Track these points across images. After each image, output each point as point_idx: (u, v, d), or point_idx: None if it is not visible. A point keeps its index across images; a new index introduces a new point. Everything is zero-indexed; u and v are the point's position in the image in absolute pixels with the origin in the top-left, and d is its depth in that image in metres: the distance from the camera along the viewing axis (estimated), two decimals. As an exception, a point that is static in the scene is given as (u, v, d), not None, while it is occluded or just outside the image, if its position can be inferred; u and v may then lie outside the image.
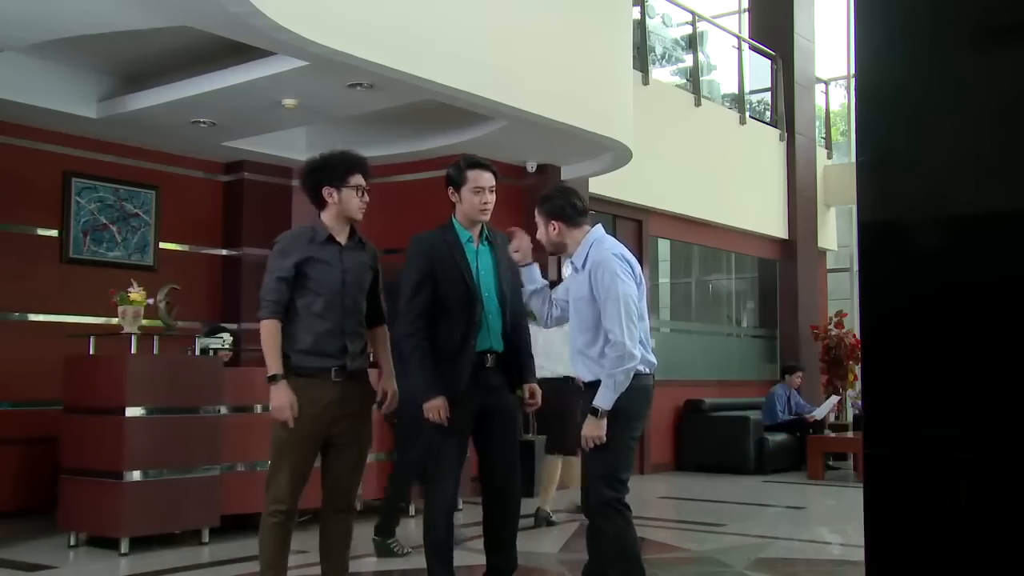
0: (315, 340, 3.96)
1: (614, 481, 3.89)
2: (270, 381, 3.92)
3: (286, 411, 3.88)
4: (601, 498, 3.88)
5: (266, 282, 4.00)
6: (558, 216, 4.07)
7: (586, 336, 3.98)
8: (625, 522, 3.89)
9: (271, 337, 3.95)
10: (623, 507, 3.89)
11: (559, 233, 4.08)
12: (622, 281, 3.88)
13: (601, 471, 3.90)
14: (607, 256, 3.93)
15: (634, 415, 3.95)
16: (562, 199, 4.11)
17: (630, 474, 4.00)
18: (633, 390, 3.89)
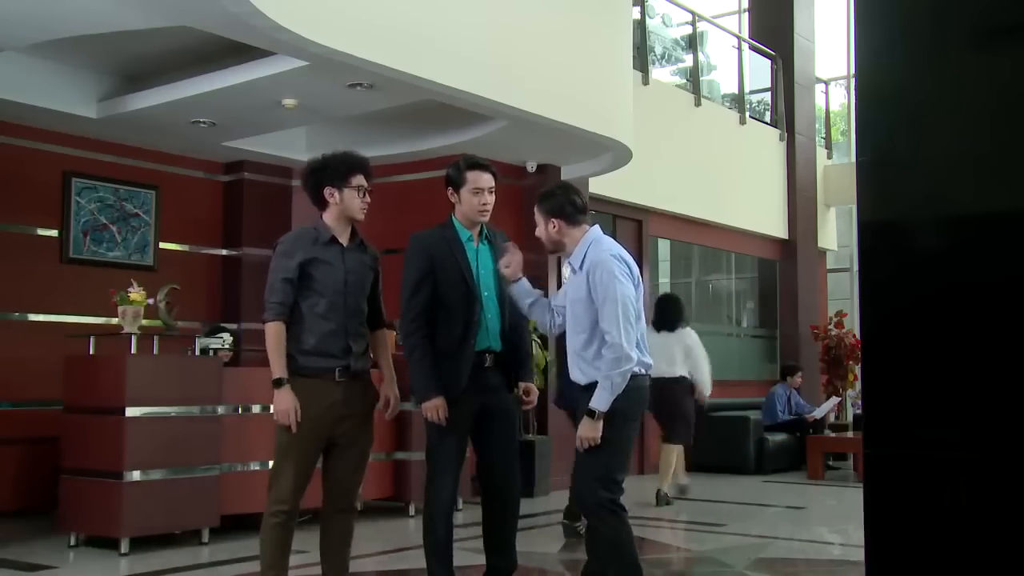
0: (319, 341, 3.96)
1: (609, 482, 3.88)
2: (275, 385, 3.92)
3: (290, 415, 3.88)
4: (596, 499, 3.88)
5: (271, 283, 4.00)
6: (558, 214, 4.05)
7: (582, 337, 3.97)
8: (620, 522, 3.89)
9: (276, 340, 3.95)
10: (618, 508, 3.89)
11: (559, 231, 4.06)
12: (620, 282, 3.87)
13: (596, 472, 3.89)
14: (605, 257, 3.92)
15: (630, 416, 3.95)
16: (563, 197, 4.08)
17: (625, 475, 4.00)
18: (629, 391, 3.88)
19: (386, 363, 4.30)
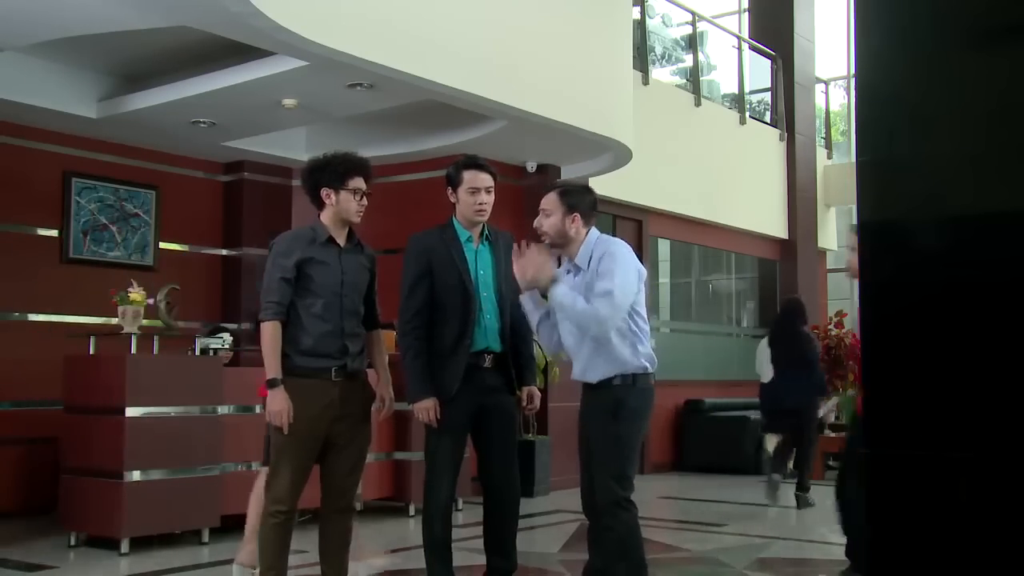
0: (315, 341, 3.96)
1: (624, 480, 3.90)
2: (269, 386, 3.92)
3: (283, 416, 3.88)
4: (612, 497, 3.89)
5: (267, 283, 3.99)
6: (582, 210, 4.01)
7: (575, 336, 3.98)
8: (633, 520, 3.91)
9: (272, 340, 3.94)
10: (631, 505, 3.91)
11: (575, 225, 4.03)
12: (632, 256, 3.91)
13: (612, 471, 3.90)
14: (620, 242, 3.97)
15: (643, 414, 3.97)
16: (589, 196, 4.09)
17: (635, 472, 4.01)
18: (643, 390, 3.92)
19: (381, 363, 4.30)
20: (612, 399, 3.91)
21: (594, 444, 3.96)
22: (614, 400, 3.90)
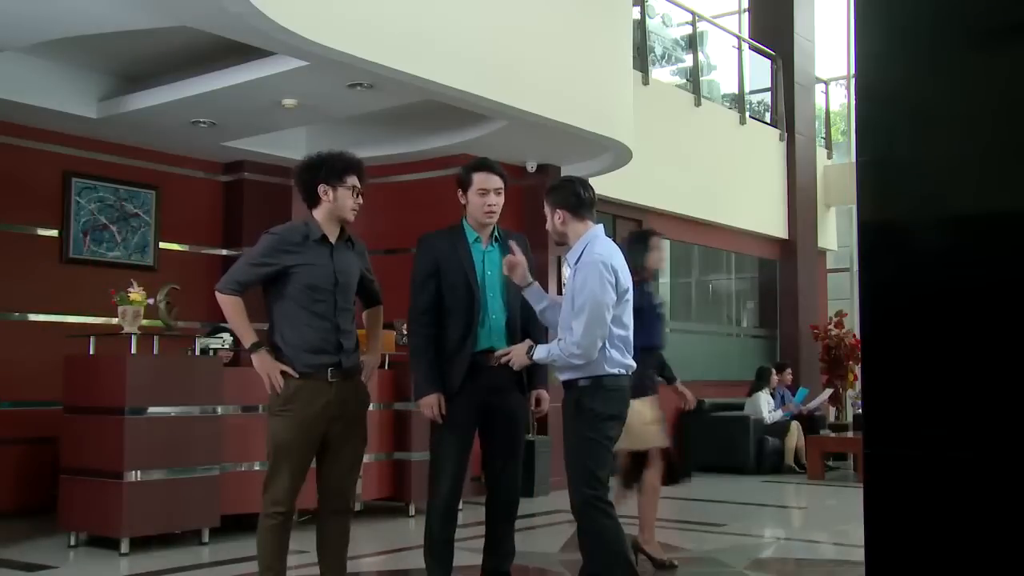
0: (310, 338, 3.96)
1: (592, 480, 3.93)
2: (251, 351, 3.93)
3: (275, 374, 3.89)
4: (582, 497, 3.94)
5: (240, 264, 4.04)
6: (563, 205, 4.08)
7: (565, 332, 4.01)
8: (607, 518, 3.93)
9: (236, 309, 3.96)
10: (605, 504, 3.93)
11: (563, 223, 4.07)
12: (600, 288, 3.89)
13: (579, 472, 3.96)
14: (594, 259, 3.94)
15: (605, 415, 3.98)
16: (569, 188, 4.13)
17: (607, 472, 4.03)
18: (609, 391, 3.96)
19: (374, 334, 4.36)
20: (575, 400, 3.99)
21: (564, 444, 4.05)
22: (576, 401, 3.99)
